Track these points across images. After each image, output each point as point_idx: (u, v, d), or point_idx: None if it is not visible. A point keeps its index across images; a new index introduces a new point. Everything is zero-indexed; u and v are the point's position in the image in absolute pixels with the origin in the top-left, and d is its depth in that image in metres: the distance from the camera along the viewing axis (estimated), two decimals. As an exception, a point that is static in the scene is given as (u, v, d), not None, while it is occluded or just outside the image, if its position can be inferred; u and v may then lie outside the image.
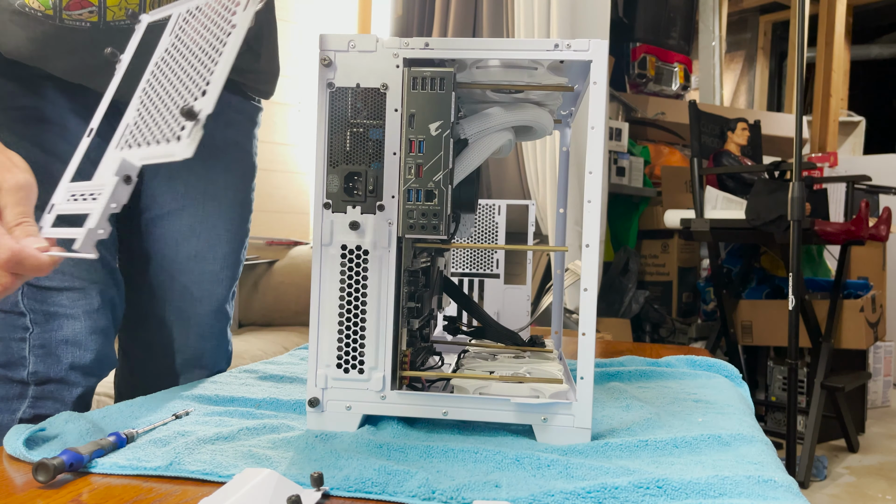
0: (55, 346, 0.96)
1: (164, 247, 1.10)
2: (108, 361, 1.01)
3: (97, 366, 0.99)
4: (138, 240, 1.11)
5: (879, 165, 4.04)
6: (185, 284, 1.10)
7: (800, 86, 2.21)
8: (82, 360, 0.97)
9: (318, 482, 0.57)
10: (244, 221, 1.16)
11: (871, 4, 4.90)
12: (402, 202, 0.72)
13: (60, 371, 0.96)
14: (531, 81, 0.78)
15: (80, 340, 0.97)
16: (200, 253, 1.10)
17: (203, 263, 1.11)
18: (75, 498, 0.56)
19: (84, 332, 0.97)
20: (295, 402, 0.84)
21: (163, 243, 1.10)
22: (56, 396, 0.97)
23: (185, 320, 1.11)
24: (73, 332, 0.97)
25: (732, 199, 2.73)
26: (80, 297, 0.97)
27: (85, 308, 0.97)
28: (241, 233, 1.15)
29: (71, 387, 0.97)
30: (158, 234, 1.10)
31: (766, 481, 0.58)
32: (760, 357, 3.09)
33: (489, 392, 0.75)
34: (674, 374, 1.05)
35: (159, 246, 1.10)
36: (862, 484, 2.44)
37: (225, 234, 1.12)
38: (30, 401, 0.97)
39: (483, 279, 1.25)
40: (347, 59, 0.72)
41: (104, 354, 1.00)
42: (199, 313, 1.11)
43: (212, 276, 1.11)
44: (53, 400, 0.97)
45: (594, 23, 2.79)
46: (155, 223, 1.10)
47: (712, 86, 4.28)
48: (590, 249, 0.70)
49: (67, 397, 0.97)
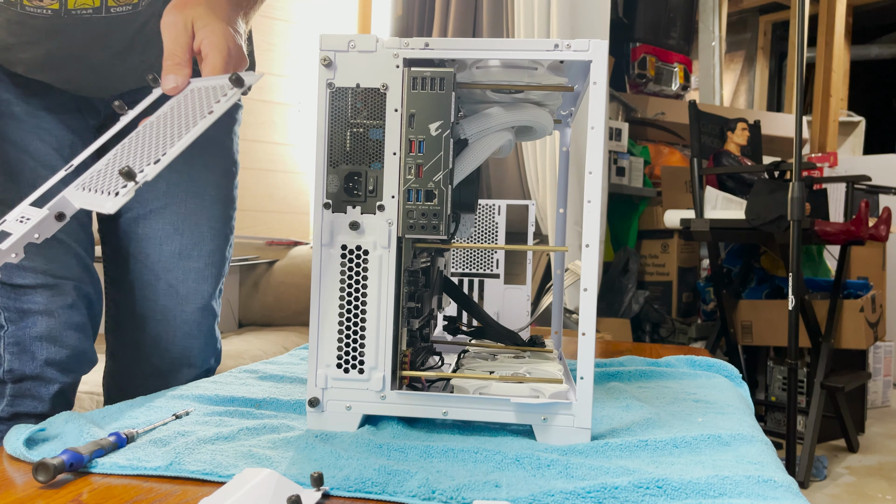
0: (30, 343, 0.96)
1: (147, 246, 1.10)
2: (86, 358, 1.01)
3: (74, 362, 0.99)
4: (121, 239, 1.11)
5: (879, 165, 4.03)
6: (171, 283, 1.10)
7: (800, 86, 2.21)
8: (58, 356, 0.97)
9: (318, 482, 0.57)
10: (228, 219, 1.16)
11: (871, 4, 4.90)
12: (402, 202, 0.72)
13: (36, 368, 0.96)
14: (531, 81, 0.78)
15: (54, 336, 0.97)
16: (185, 251, 1.10)
17: (188, 261, 1.11)
18: (75, 498, 0.56)
19: (59, 328, 0.97)
20: (295, 402, 0.84)
21: (146, 242, 1.10)
22: (33, 394, 0.96)
23: (171, 319, 1.11)
24: (47, 329, 0.97)
25: (732, 199, 2.73)
26: (54, 293, 0.97)
27: (59, 304, 0.97)
28: (225, 230, 1.15)
29: (48, 383, 0.97)
30: (142, 234, 1.10)
31: (765, 481, 0.58)
32: (760, 357, 3.09)
33: (489, 392, 0.75)
34: (674, 374, 1.05)
35: (143, 245, 1.10)
36: (862, 484, 2.44)
37: (209, 232, 1.12)
38: (7, 399, 0.97)
39: (483, 279, 1.25)
40: (347, 60, 0.72)
41: (81, 350, 0.99)
42: (185, 311, 1.11)
43: (197, 274, 1.11)
44: (31, 398, 0.96)
45: (594, 23, 2.79)
46: (137, 222, 1.10)
47: (712, 86, 4.28)
48: (590, 249, 0.70)
49: (45, 394, 0.97)
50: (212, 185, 1.12)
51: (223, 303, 2.57)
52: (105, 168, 0.66)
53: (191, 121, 0.65)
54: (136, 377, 1.13)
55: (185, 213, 1.10)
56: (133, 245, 1.10)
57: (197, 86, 0.73)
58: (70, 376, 0.99)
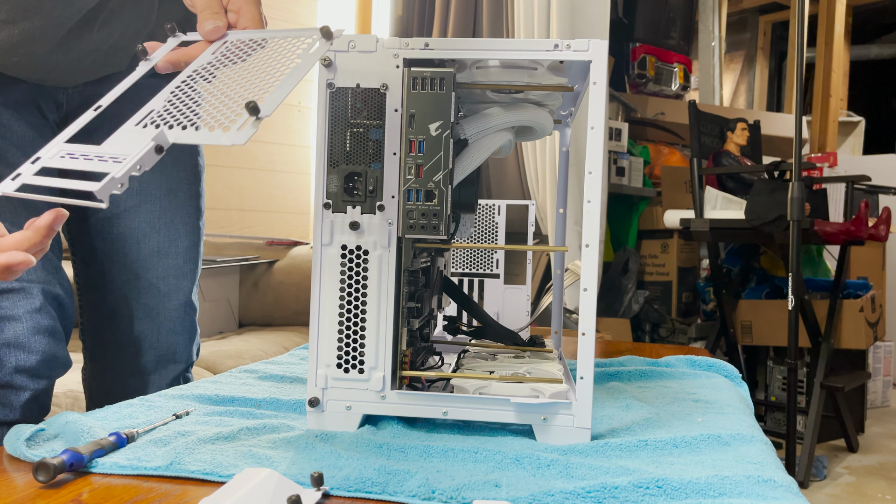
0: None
1: (124, 245, 1.09)
2: (58, 363, 0.97)
3: (44, 367, 0.95)
4: (94, 240, 1.10)
5: (879, 165, 4.03)
6: (151, 281, 1.10)
7: (799, 86, 2.21)
8: (27, 363, 0.93)
9: (318, 482, 0.57)
10: (200, 214, 1.16)
11: (871, 4, 4.90)
12: (402, 202, 0.72)
13: (5, 375, 0.92)
14: (531, 81, 0.78)
15: (23, 342, 0.93)
16: (163, 248, 1.10)
17: (166, 258, 1.11)
18: (75, 498, 0.56)
19: (27, 333, 0.93)
20: (295, 402, 0.85)
21: (122, 241, 1.09)
22: (3, 402, 0.93)
23: (154, 317, 1.11)
24: (14, 335, 0.93)
25: (732, 199, 2.73)
26: (21, 297, 0.94)
27: (27, 308, 0.94)
28: (197, 227, 1.15)
29: (18, 391, 0.93)
30: (117, 233, 1.09)
31: (765, 481, 0.58)
32: (760, 357, 3.09)
33: (489, 392, 0.75)
34: (673, 374, 1.05)
35: (119, 244, 1.09)
36: (861, 484, 2.44)
37: (183, 228, 1.12)
38: None
39: (483, 279, 1.25)
40: (347, 60, 0.72)
41: (51, 356, 0.95)
42: (168, 308, 1.11)
43: (177, 271, 1.12)
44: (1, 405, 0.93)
45: (594, 23, 2.79)
46: (111, 222, 1.09)
47: (712, 86, 4.28)
48: (590, 249, 0.70)
49: (15, 402, 0.94)
50: (184, 181, 1.13)
51: (223, 303, 2.57)
52: (171, 106, 0.63)
53: (272, 70, 0.63)
54: (120, 376, 1.12)
55: (159, 211, 1.10)
56: (109, 245, 1.09)
57: (238, 37, 0.72)
58: (41, 382, 0.95)
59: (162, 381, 1.14)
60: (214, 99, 0.63)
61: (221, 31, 0.72)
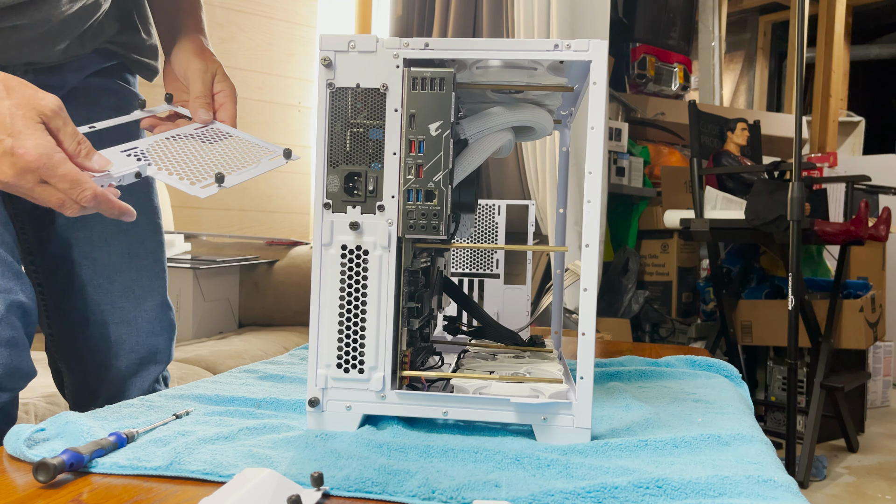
0: None
1: (92, 249, 1.07)
2: (21, 373, 0.92)
3: (7, 380, 0.90)
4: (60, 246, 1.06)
5: (879, 165, 4.03)
6: (125, 283, 1.08)
7: (799, 86, 2.21)
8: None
9: (318, 482, 0.57)
10: (158, 214, 1.15)
11: (871, 4, 4.90)
12: (402, 202, 0.72)
13: None
14: (531, 81, 0.78)
15: None
16: (133, 249, 1.09)
17: (137, 259, 1.09)
18: (75, 498, 0.56)
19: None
20: (295, 402, 0.85)
21: (90, 245, 1.07)
22: None
23: (132, 320, 1.09)
24: None
25: (732, 199, 2.73)
26: None
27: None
28: (159, 225, 1.15)
29: None
30: (84, 237, 1.07)
31: (765, 481, 0.58)
32: (760, 357, 3.09)
33: (489, 392, 0.75)
34: (673, 374, 1.05)
35: (87, 249, 1.07)
36: (861, 484, 2.44)
37: (147, 227, 1.11)
38: None
39: (483, 279, 1.25)
40: (347, 60, 0.72)
41: (14, 367, 0.90)
42: (145, 310, 1.10)
43: (150, 271, 1.11)
44: None
45: (594, 23, 2.79)
46: (75, 226, 1.06)
47: (712, 86, 4.28)
48: (589, 249, 0.70)
49: None
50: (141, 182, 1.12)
51: (223, 303, 2.57)
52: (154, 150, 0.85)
53: (241, 159, 0.88)
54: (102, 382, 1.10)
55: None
56: (75, 250, 1.06)
57: (221, 128, 0.97)
58: (4, 395, 0.90)
59: (144, 382, 1.12)
60: (189, 159, 0.85)
61: (209, 122, 0.97)
